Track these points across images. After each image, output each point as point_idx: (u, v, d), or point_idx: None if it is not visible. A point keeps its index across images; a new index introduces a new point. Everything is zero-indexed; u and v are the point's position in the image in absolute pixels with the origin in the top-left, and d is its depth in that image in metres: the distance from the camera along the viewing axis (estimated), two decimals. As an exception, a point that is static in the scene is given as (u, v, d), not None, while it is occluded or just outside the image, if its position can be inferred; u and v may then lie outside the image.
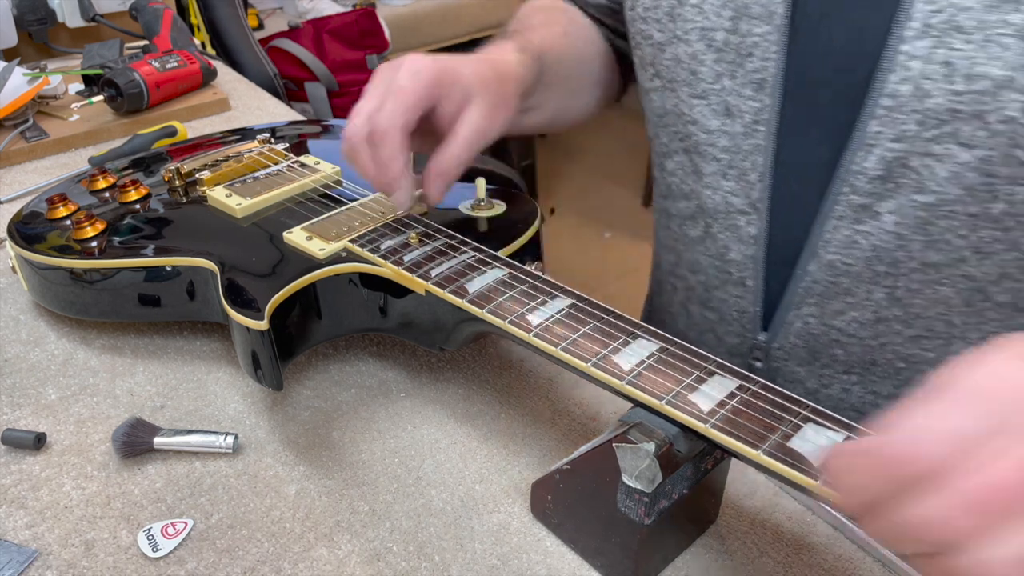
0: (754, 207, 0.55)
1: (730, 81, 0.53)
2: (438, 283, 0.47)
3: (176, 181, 0.64)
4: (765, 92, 0.52)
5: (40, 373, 0.58)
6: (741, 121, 0.53)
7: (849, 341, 0.56)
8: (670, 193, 0.63)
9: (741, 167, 0.55)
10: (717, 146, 0.55)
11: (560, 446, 0.51)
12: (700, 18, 0.53)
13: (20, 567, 0.44)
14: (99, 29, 1.21)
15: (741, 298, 0.59)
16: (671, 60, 0.56)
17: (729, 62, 0.52)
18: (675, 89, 0.57)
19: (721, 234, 0.58)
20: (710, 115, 0.55)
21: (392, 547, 0.45)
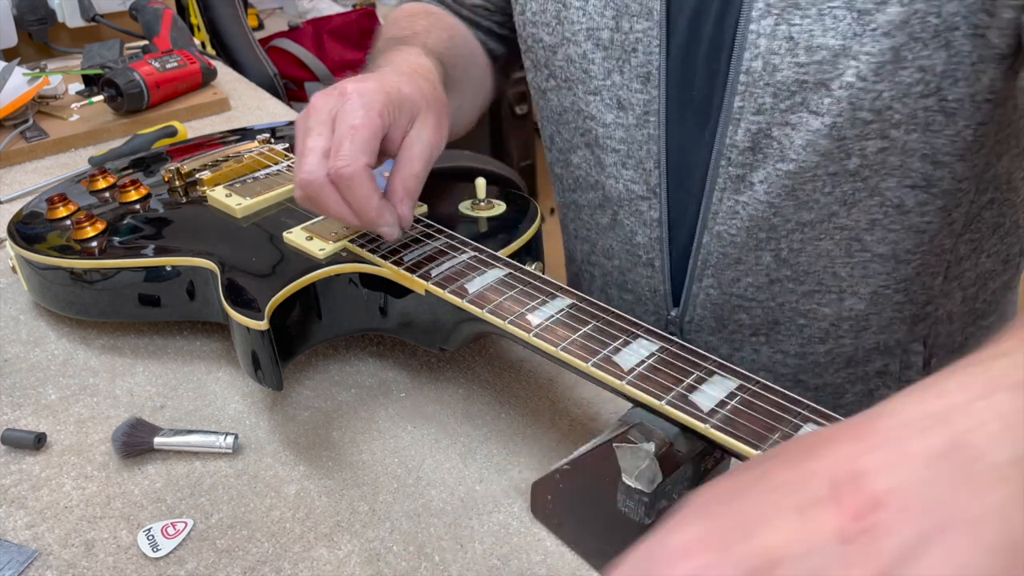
0: (654, 192, 0.59)
1: (619, 76, 0.56)
2: (438, 283, 0.47)
3: (176, 181, 0.64)
4: (652, 84, 0.55)
5: (40, 373, 0.58)
6: (633, 113, 0.57)
7: (750, 305, 0.60)
8: (578, 186, 0.66)
9: (638, 156, 0.58)
10: (614, 138, 0.59)
11: (560, 446, 0.51)
12: (585, 19, 0.56)
13: (20, 567, 0.44)
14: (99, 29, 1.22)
15: (651, 278, 0.63)
16: (563, 61, 0.59)
17: (616, 59, 0.56)
18: (571, 87, 0.60)
19: (627, 220, 0.61)
20: (605, 110, 0.58)
21: (392, 547, 0.45)
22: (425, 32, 0.65)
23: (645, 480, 0.38)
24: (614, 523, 0.40)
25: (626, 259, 0.64)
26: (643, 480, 0.38)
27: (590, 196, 0.65)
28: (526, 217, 0.57)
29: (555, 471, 0.43)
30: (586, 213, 0.66)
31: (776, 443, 0.35)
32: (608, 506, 0.40)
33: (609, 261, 0.67)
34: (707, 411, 0.37)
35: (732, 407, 0.37)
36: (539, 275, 0.48)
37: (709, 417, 0.36)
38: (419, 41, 0.62)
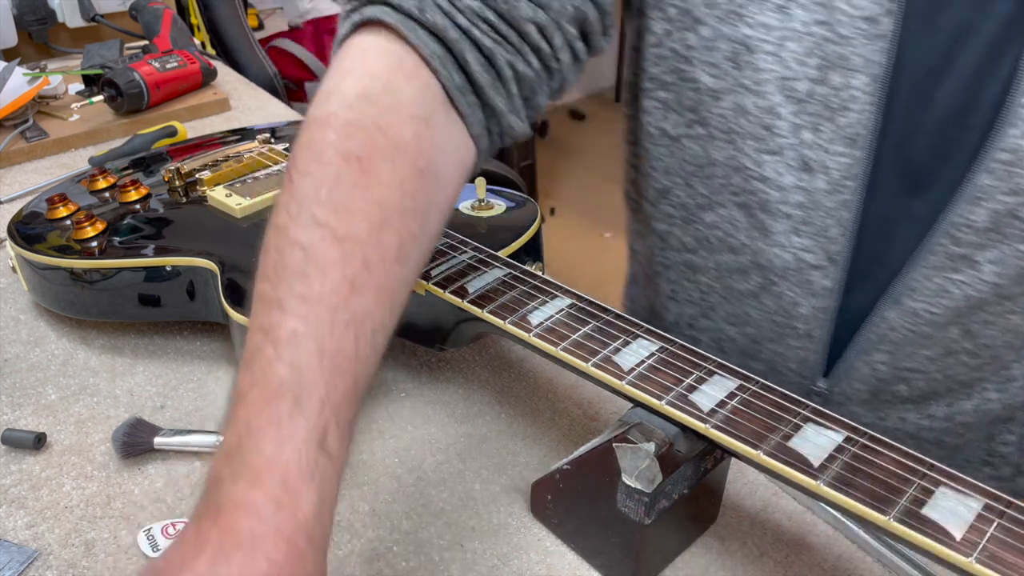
0: (832, 261, 0.52)
1: (812, 135, 0.48)
2: (438, 283, 0.47)
3: (176, 181, 0.64)
4: (858, 147, 0.47)
5: (40, 373, 0.58)
6: (825, 177, 0.49)
7: (915, 377, 0.55)
8: (704, 247, 0.57)
9: (821, 223, 0.51)
10: (790, 202, 0.51)
11: (560, 446, 0.51)
12: (778, 67, 0.47)
13: (20, 567, 0.44)
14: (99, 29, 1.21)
15: (803, 349, 0.56)
16: (731, 110, 0.50)
17: (812, 114, 0.47)
18: (733, 141, 0.51)
19: (789, 290, 0.54)
20: (784, 171, 0.50)
21: (392, 547, 0.45)
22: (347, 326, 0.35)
23: (645, 480, 0.38)
24: (614, 523, 0.40)
25: (770, 329, 0.57)
26: (643, 480, 0.38)
27: (725, 259, 0.56)
28: (526, 217, 0.57)
29: (555, 471, 0.43)
30: (710, 276, 0.58)
31: (776, 443, 0.35)
32: (608, 506, 0.40)
33: (735, 328, 0.59)
34: (707, 411, 0.37)
35: (732, 407, 0.37)
36: (539, 275, 0.48)
37: (709, 417, 0.36)
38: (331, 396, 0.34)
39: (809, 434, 0.35)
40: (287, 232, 0.37)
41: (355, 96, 0.41)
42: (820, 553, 0.45)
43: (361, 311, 0.36)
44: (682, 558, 0.44)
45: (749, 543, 0.45)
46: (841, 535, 0.46)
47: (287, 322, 0.34)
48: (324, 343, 0.34)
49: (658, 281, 0.63)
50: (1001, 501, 0.32)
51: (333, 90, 0.41)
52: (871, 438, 0.35)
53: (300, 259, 0.36)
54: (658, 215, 0.59)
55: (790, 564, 0.44)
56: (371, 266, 0.37)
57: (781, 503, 0.48)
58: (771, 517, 0.47)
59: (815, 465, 0.34)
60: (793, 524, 0.46)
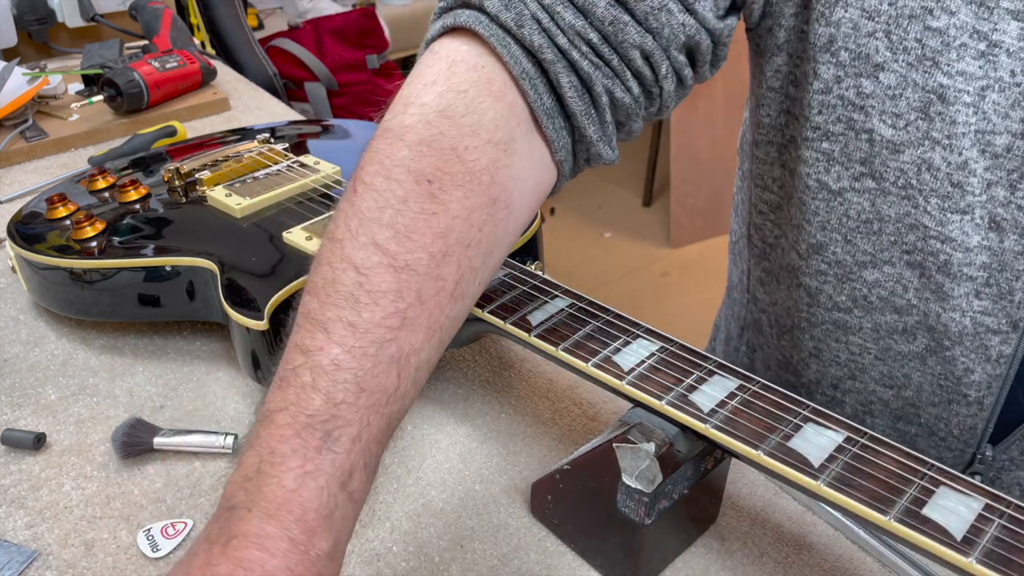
0: (1015, 326, 0.48)
1: (1006, 192, 0.44)
2: (438, 283, 0.47)
3: (176, 181, 0.64)
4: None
5: (40, 373, 0.58)
6: (1019, 239, 0.45)
7: None
8: (861, 306, 0.53)
9: (1006, 286, 0.47)
10: (974, 264, 0.47)
11: (560, 446, 0.51)
12: (976, 119, 0.43)
13: (20, 567, 0.44)
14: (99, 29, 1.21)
15: (970, 416, 0.52)
16: (912, 165, 0.45)
17: (1010, 171, 0.43)
18: (913, 198, 0.46)
19: (963, 357, 0.50)
20: (971, 231, 0.46)
21: (392, 547, 0.45)
22: (391, 363, 0.34)
23: (645, 480, 0.38)
24: (614, 523, 0.40)
25: (932, 394, 0.53)
26: (643, 480, 0.38)
27: (888, 319, 0.52)
28: (526, 217, 0.57)
29: (555, 471, 0.43)
30: (864, 336, 0.54)
31: (777, 443, 0.35)
32: (608, 506, 0.40)
33: (891, 391, 0.55)
34: (707, 411, 0.37)
35: (732, 407, 0.37)
36: (539, 275, 0.48)
37: (709, 417, 0.36)
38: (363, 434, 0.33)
39: (809, 434, 0.35)
40: (343, 248, 0.35)
41: (435, 112, 0.39)
42: (820, 553, 0.45)
43: (408, 347, 0.34)
44: (682, 558, 0.44)
45: (749, 543, 0.45)
46: (841, 535, 0.46)
47: (330, 349, 0.33)
48: (365, 379, 0.33)
49: (799, 336, 0.58)
50: (1001, 502, 0.32)
51: (413, 100, 0.39)
52: (871, 438, 0.35)
53: (352, 282, 0.34)
54: (808, 270, 0.54)
55: (790, 564, 0.44)
56: (425, 300, 0.35)
57: (781, 503, 0.48)
58: (771, 517, 0.47)
59: (815, 465, 0.34)
60: (793, 524, 0.46)
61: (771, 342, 0.62)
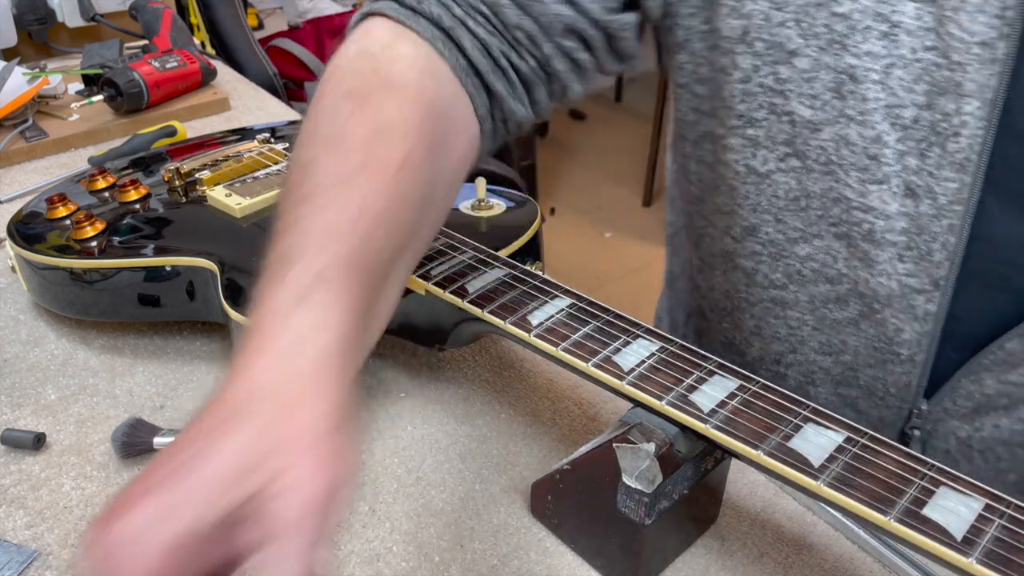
0: (936, 285, 0.51)
1: (917, 161, 0.47)
2: (438, 283, 0.47)
3: (176, 181, 0.64)
4: (967, 172, 0.46)
5: (40, 373, 0.58)
6: (932, 203, 0.48)
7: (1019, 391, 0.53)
8: (796, 280, 0.56)
9: (925, 248, 0.50)
10: (895, 230, 0.50)
11: (560, 446, 0.51)
12: (885, 95, 0.46)
13: (20, 567, 0.44)
14: (99, 29, 1.21)
15: (905, 374, 0.55)
16: (831, 141, 0.49)
17: (919, 140, 0.46)
18: (834, 172, 0.50)
19: (893, 318, 0.53)
20: (889, 199, 0.49)
21: (392, 547, 0.45)
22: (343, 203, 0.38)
23: (645, 480, 0.38)
24: (614, 523, 0.40)
25: (868, 356, 0.56)
26: (643, 480, 0.38)
27: (821, 290, 0.55)
28: (526, 217, 0.57)
29: (555, 471, 0.43)
30: (802, 310, 0.57)
31: (777, 443, 0.35)
32: (608, 506, 0.40)
33: (829, 358, 0.58)
34: (707, 411, 0.37)
35: (732, 407, 0.37)
36: (539, 275, 0.48)
37: (709, 417, 0.36)
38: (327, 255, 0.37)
39: (809, 434, 0.35)
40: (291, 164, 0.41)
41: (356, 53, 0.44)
42: (820, 553, 0.45)
43: (359, 197, 0.38)
44: (682, 558, 0.44)
45: (749, 543, 0.45)
46: (841, 535, 0.46)
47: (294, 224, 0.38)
48: (324, 216, 0.38)
49: (740, 317, 0.61)
50: (1002, 502, 0.32)
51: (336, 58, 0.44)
52: (871, 438, 0.35)
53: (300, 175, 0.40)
54: (743, 252, 0.57)
55: (790, 564, 0.44)
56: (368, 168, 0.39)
57: (781, 503, 0.48)
58: (771, 517, 0.47)
59: (815, 465, 0.34)
60: (793, 524, 0.46)
61: (714, 326, 0.65)
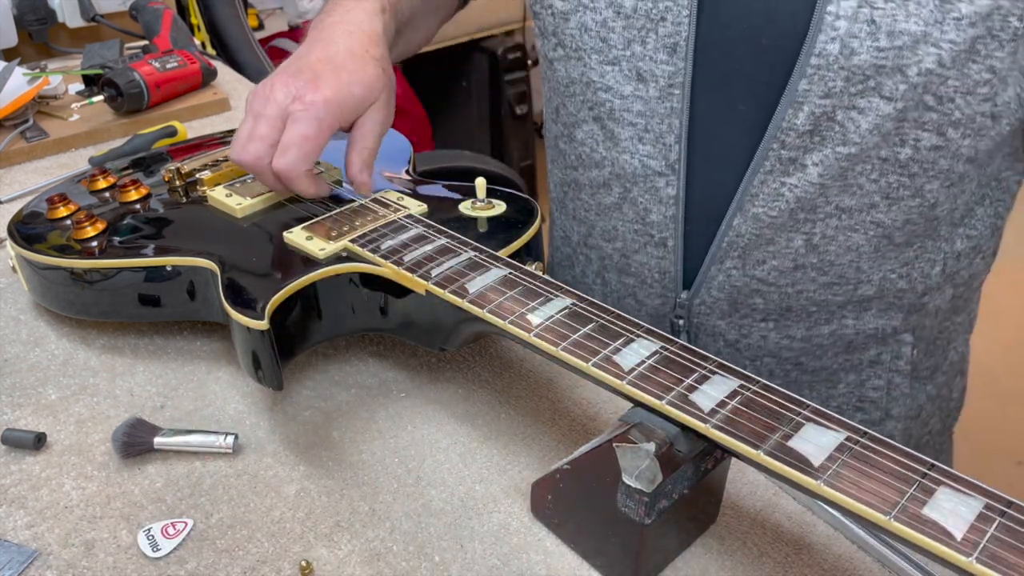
0: (672, 168, 0.57)
1: (640, 47, 0.54)
2: (438, 283, 0.47)
3: (176, 181, 0.64)
4: (678, 56, 0.53)
5: (40, 373, 0.58)
6: (655, 85, 0.55)
7: (768, 290, 0.59)
8: (580, 163, 0.64)
9: (657, 130, 0.56)
10: (632, 111, 0.56)
11: (560, 446, 0.51)
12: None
13: (20, 567, 0.44)
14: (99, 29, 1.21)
15: (662, 259, 0.61)
16: (576, 29, 0.57)
17: (639, 28, 0.54)
18: (582, 58, 0.58)
19: (641, 198, 0.59)
20: (623, 81, 0.56)
21: (392, 547, 0.45)
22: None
23: (645, 480, 0.38)
24: (614, 523, 0.40)
25: (633, 240, 0.63)
26: (643, 480, 0.38)
27: (594, 174, 0.63)
28: (526, 217, 0.57)
29: (555, 471, 0.43)
30: (587, 193, 0.65)
31: (776, 443, 0.35)
32: (608, 506, 0.40)
33: (609, 243, 0.65)
34: (707, 411, 0.37)
35: (732, 407, 0.37)
36: (539, 275, 0.48)
37: (710, 417, 0.36)
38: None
39: (809, 434, 0.35)
40: None
41: None
42: (820, 553, 0.45)
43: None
44: (682, 558, 0.44)
45: (749, 543, 0.45)
46: (841, 535, 0.46)
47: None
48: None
49: (561, 201, 0.70)
50: (1002, 501, 0.32)
51: None
52: (872, 438, 0.35)
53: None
54: (555, 133, 0.67)
55: (790, 564, 0.44)
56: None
57: (781, 503, 0.48)
58: (771, 517, 0.47)
59: (815, 465, 0.34)
60: (793, 524, 0.46)
61: (553, 224, 0.76)
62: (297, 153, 0.53)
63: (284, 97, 0.54)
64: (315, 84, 0.54)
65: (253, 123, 0.54)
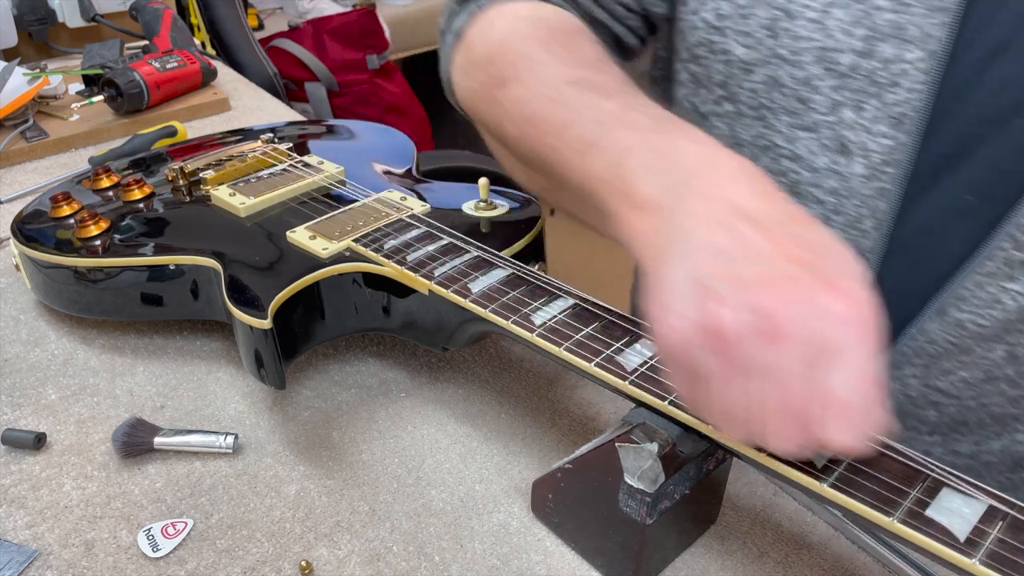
0: (862, 255, 0.46)
1: (853, 114, 0.44)
2: (441, 283, 0.47)
3: (180, 180, 0.64)
4: (903, 129, 0.43)
5: (40, 373, 0.58)
6: (864, 161, 0.45)
7: (947, 403, 0.50)
8: None
9: (854, 213, 0.47)
10: (822, 187, 0.47)
11: (560, 446, 0.51)
12: (820, 36, 0.44)
13: (20, 567, 0.44)
14: (99, 29, 1.21)
15: None
16: (763, 83, 0.47)
17: (856, 91, 0.44)
18: (764, 118, 0.48)
19: None
20: (818, 151, 0.46)
21: (392, 547, 0.45)
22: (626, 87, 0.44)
23: (648, 480, 0.38)
24: (615, 523, 0.40)
25: None
26: (646, 480, 0.38)
27: None
28: (529, 217, 0.57)
29: (556, 470, 0.43)
30: None
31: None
32: (609, 506, 0.40)
33: None
34: (710, 411, 0.37)
35: (735, 407, 0.37)
36: (542, 275, 0.48)
37: (712, 417, 0.36)
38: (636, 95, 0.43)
39: (812, 435, 0.35)
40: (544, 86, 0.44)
41: (514, 19, 0.50)
42: (820, 553, 0.45)
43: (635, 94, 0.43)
44: (682, 558, 0.44)
45: (749, 543, 0.45)
46: (841, 535, 0.46)
47: (611, 104, 0.41)
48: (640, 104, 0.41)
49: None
50: (1005, 503, 0.32)
51: (485, 30, 0.51)
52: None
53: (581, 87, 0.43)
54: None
55: (790, 564, 0.44)
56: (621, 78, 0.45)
57: (781, 503, 0.48)
58: (771, 517, 0.47)
59: (819, 466, 0.34)
60: (793, 524, 0.46)
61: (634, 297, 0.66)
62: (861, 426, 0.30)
63: (802, 327, 0.29)
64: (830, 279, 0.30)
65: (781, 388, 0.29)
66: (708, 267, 0.30)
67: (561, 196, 0.48)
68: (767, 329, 0.28)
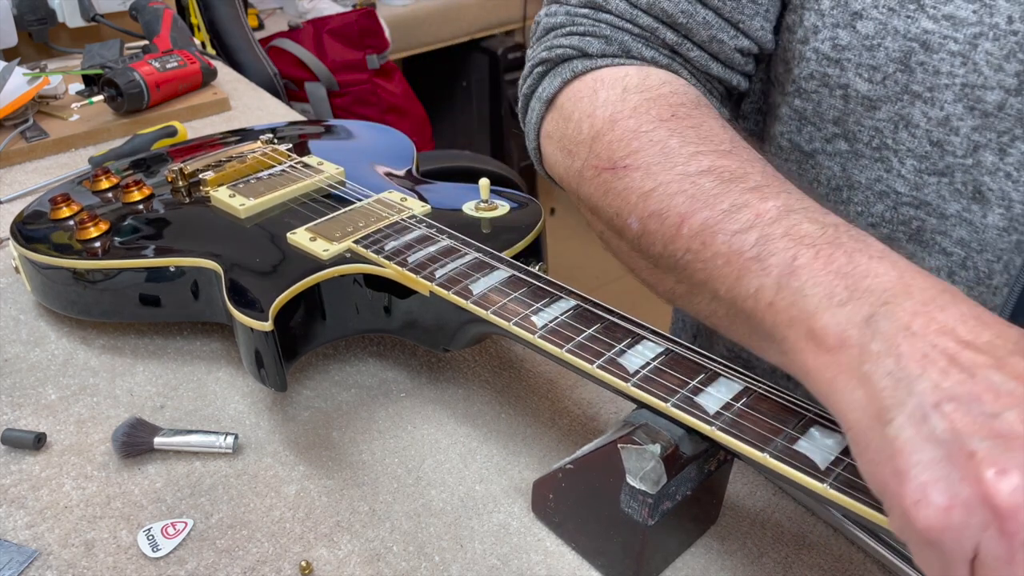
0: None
1: (995, 157, 0.40)
2: (442, 284, 0.47)
3: (179, 181, 0.63)
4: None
5: (40, 373, 0.57)
6: (1004, 212, 0.41)
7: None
8: None
9: (984, 268, 0.43)
10: (951, 237, 0.43)
11: (560, 446, 0.51)
12: (963, 71, 0.39)
13: (20, 567, 0.44)
14: (99, 29, 1.21)
15: None
16: (889, 122, 0.42)
17: (1002, 132, 0.39)
18: (887, 160, 0.43)
19: None
20: (949, 197, 0.42)
21: (392, 547, 0.45)
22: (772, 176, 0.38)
23: (650, 481, 0.38)
24: (616, 523, 0.40)
25: None
26: (648, 482, 0.38)
27: None
28: (530, 218, 0.57)
29: (557, 470, 0.43)
30: None
31: (782, 445, 0.35)
32: (610, 506, 0.40)
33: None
34: (713, 413, 0.37)
35: (738, 409, 0.37)
36: (543, 276, 0.48)
37: (715, 419, 0.36)
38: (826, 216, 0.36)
39: (815, 436, 0.35)
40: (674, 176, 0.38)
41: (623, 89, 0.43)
42: (820, 553, 0.45)
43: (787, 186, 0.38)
44: (682, 558, 0.44)
45: (749, 543, 0.45)
46: (841, 535, 0.46)
47: (766, 205, 0.35)
48: (799, 204, 0.35)
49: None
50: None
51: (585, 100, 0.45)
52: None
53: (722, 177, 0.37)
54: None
55: (790, 564, 0.44)
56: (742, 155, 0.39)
57: (781, 503, 0.48)
58: (771, 517, 0.47)
59: (822, 468, 0.34)
60: (793, 524, 0.46)
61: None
62: None
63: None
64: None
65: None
66: (957, 422, 0.25)
67: (699, 302, 0.40)
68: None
